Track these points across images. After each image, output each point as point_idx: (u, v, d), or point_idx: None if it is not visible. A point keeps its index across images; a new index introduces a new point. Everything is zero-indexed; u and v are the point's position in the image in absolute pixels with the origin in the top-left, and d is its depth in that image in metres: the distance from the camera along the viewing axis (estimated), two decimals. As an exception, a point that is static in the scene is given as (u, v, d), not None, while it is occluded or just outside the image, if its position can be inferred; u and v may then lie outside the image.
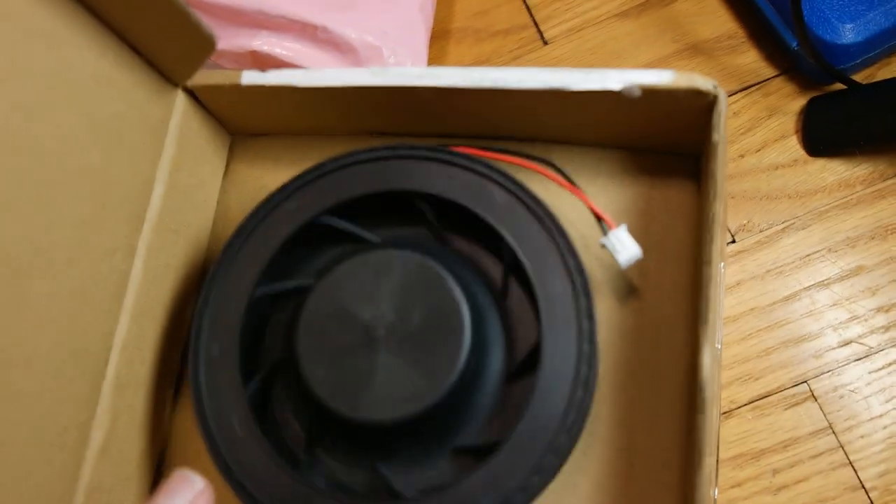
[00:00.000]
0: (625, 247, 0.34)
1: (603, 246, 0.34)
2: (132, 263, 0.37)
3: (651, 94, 0.32)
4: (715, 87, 0.31)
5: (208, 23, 0.48)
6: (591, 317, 0.32)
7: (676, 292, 0.35)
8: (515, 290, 0.35)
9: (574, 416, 0.31)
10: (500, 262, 0.36)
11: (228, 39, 0.49)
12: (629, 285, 0.36)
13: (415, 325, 0.32)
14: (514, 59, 0.55)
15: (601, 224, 0.34)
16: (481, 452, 0.32)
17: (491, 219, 0.34)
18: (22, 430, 0.31)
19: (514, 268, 0.34)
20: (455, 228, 0.36)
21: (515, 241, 0.33)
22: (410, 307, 0.32)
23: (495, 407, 0.33)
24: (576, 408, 0.31)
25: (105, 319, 0.35)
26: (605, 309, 0.36)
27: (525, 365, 0.33)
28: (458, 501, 0.30)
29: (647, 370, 0.35)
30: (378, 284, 0.33)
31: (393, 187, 0.35)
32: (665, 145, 0.37)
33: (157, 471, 0.39)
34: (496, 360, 0.34)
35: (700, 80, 0.31)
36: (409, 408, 0.31)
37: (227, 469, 0.32)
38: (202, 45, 0.36)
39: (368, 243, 0.36)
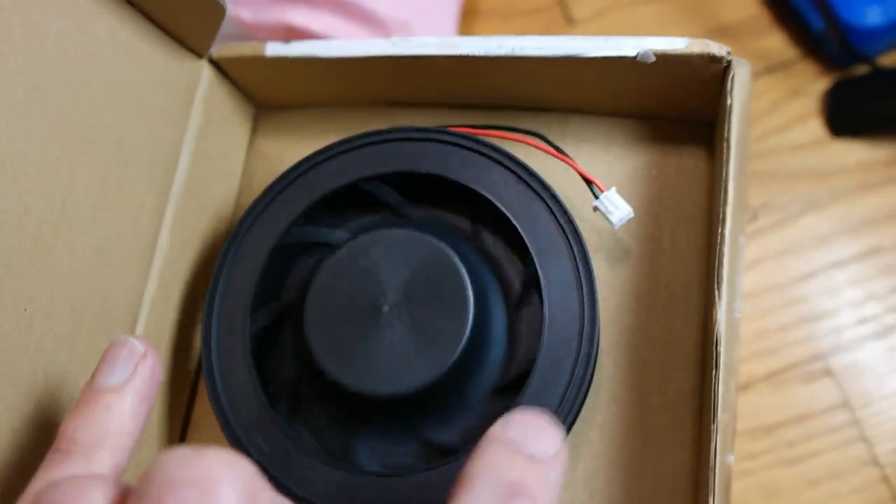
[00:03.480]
0: (617, 207, 0.34)
1: (595, 209, 0.34)
2: (160, 227, 0.38)
3: (665, 60, 0.32)
4: (729, 52, 0.32)
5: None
6: (579, 241, 0.33)
7: (690, 257, 0.36)
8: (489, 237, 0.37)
9: (588, 331, 0.31)
10: (467, 218, 0.37)
11: (265, 13, 0.50)
12: (626, 247, 0.37)
13: (420, 298, 0.33)
14: (540, 40, 0.55)
15: (592, 188, 0.35)
16: (514, 388, 0.32)
17: (452, 176, 0.35)
18: (44, 384, 0.32)
19: (486, 215, 0.35)
20: (419, 200, 0.38)
21: (484, 190, 0.34)
22: (416, 280, 0.33)
23: (508, 343, 0.34)
24: (589, 322, 0.32)
25: (133, 279, 0.36)
26: (612, 273, 0.36)
27: (524, 295, 0.35)
28: None
29: (661, 332, 0.35)
30: (374, 265, 0.34)
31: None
32: (680, 112, 0.37)
33: (182, 434, 0.40)
34: (497, 300, 0.35)
35: (714, 46, 0.32)
36: (440, 366, 0.32)
37: (274, 478, 0.33)
38: (213, 11, 0.36)
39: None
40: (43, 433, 0.31)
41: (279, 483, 0.32)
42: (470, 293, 0.33)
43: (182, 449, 0.20)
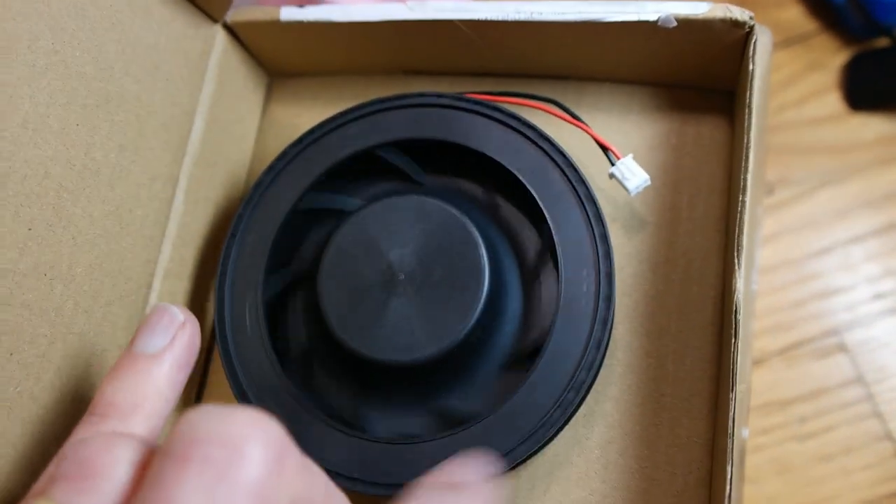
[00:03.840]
0: (633, 174, 0.33)
1: (612, 176, 0.34)
2: (174, 193, 0.37)
3: (687, 25, 0.32)
4: (751, 17, 0.31)
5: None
6: (596, 209, 0.32)
7: (708, 226, 0.35)
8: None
9: (600, 328, 0.31)
10: (481, 186, 0.37)
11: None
12: (643, 216, 0.36)
13: (435, 266, 0.33)
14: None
15: (608, 155, 0.34)
16: (527, 361, 0.32)
17: (471, 144, 0.34)
18: (63, 349, 0.32)
19: (501, 182, 0.35)
20: (434, 168, 0.37)
21: (501, 158, 0.34)
22: (430, 248, 0.33)
23: (523, 314, 0.34)
24: (601, 320, 0.31)
25: (148, 246, 0.36)
26: (629, 242, 0.36)
27: (540, 266, 0.34)
28: (502, 424, 0.31)
29: (677, 301, 0.35)
30: (389, 232, 0.33)
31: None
32: (700, 80, 0.37)
33: (198, 398, 0.40)
34: (512, 270, 0.35)
35: (736, 11, 0.31)
36: (454, 335, 0.32)
37: None
38: None
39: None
40: (62, 398, 0.31)
41: None
42: (485, 263, 0.32)
43: (210, 406, 0.19)
